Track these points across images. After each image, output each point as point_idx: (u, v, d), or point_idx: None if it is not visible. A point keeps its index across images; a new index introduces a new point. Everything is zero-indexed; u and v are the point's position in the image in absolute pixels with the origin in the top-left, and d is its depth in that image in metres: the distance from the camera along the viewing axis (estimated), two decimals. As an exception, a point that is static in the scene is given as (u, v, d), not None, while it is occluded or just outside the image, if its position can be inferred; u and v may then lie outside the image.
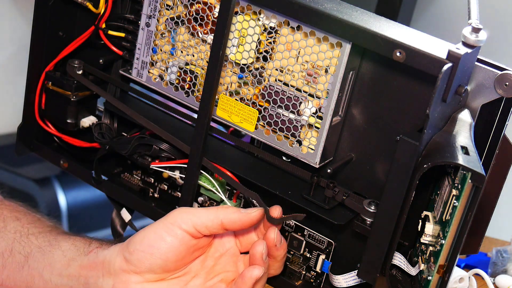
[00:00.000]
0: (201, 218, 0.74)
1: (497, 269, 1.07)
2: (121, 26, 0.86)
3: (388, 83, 0.73)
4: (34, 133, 0.94)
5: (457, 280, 0.96)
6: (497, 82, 0.69)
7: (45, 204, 1.72)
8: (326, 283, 0.81)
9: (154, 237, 0.74)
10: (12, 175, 1.74)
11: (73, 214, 1.76)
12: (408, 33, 0.68)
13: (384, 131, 0.74)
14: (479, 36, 0.66)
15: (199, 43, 0.79)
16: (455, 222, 0.66)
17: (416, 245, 0.75)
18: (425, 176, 0.65)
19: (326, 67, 0.72)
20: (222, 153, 0.83)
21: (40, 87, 0.90)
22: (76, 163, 0.92)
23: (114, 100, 0.86)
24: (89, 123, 0.91)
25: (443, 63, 0.64)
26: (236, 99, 0.78)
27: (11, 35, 1.93)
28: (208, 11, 0.77)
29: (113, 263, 0.75)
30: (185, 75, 0.81)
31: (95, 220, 1.81)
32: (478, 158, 0.65)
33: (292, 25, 0.72)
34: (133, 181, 0.92)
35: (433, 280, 0.69)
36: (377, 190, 0.75)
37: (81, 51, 0.90)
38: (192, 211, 0.76)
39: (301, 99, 0.74)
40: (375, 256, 0.70)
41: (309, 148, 0.75)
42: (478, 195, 0.64)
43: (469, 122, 0.70)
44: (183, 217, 0.75)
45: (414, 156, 0.65)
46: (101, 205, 1.75)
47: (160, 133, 0.83)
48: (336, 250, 0.80)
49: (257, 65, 0.76)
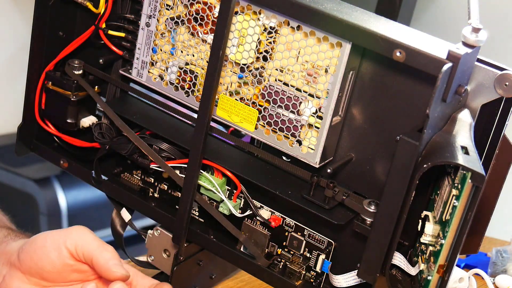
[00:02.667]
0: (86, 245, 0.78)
1: (497, 269, 1.07)
2: (121, 26, 0.86)
3: (388, 83, 0.73)
4: (34, 133, 0.94)
5: (457, 280, 0.96)
6: (497, 82, 0.69)
7: (45, 204, 1.72)
8: (326, 283, 0.81)
9: (41, 244, 0.79)
10: (12, 175, 1.74)
11: (73, 214, 1.76)
12: (408, 33, 0.68)
13: (384, 131, 0.74)
14: (479, 36, 0.66)
15: (199, 43, 0.79)
16: (455, 222, 0.66)
17: (416, 245, 0.75)
18: (425, 176, 0.65)
19: (326, 67, 0.72)
20: (222, 153, 0.83)
21: (40, 87, 0.90)
22: (76, 163, 0.92)
23: (106, 107, 0.86)
24: (89, 123, 0.91)
25: (443, 63, 0.64)
26: (236, 99, 0.78)
27: (11, 35, 1.93)
28: (208, 11, 0.77)
29: (12, 255, 0.80)
30: (185, 75, 0.81)
31: (95, 220, 1.81)
32: (478, 158, 0.65)
33: (292, 25, 0.72)
34: (133, 181, 0.92)
35: (433, 280, 0.69)
36: (377, 190, 0.75)
37: (81, 51, 0.90)
38: (87, 234, 0.79)
39: (301, 99, 0.74)
40: (375, 256, 0.70)
41: (309, 148, 0.75)
42: (478, 195, 0.64)
43: (469, 122, 0.70)
44: (73, 235, 0.78)
45: (414, 156, 0.65)
46: (101, 205, 1.75)
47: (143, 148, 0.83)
48: (336, 250, 0.80)
49: (257, 65, 0.76)
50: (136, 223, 0.93)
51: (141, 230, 0.90)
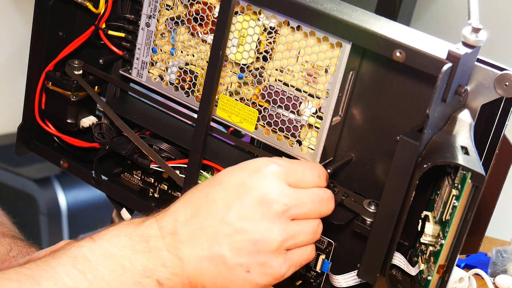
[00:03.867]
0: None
1: (497, 269, 1.07)
2: (121, 26, 0.86)
3: (388, 83, 0.73)
4: (34, 133, 0.94)
5: (457, 280, 0.96)
6: (497, 82, 0.69)
7: (45, 204, 1.72)
8: (326, 283, 0.81)
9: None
10: (12, 175, 1.74)
11: (73, 214, 1.76)
12: (408, 33, 0.68)
13: (384, 131, 0.74)
14: (479, 36, 0.66)
15: (199, 43, 0.79)
16: (455, 222, 0.66)
17: (416, 245, 0.75)
18: (425, 176, 0.65)
19: (326, 67, 0.72)
20: (222, 153, 0.83)
21: (40, 87, 0.90)
22: (76, 163, 0.92)
23: (106, 107, 0.86)
24: (89, 123, 0.91)
25: (443, 63, 0.64)
26: (236, 99, 0.78)
27: (11, 35, 1.93)
28: (208, 11, 0.77)
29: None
30: (185, 75, 0.81)
31: (95, 220, 1.81)
32: (478, 158, 0.65)
33: (292, 25, 0.72)
34: (133, 181, 0.92)
35: (433, 280, 0.69)
36: (377, 190, 0.75)
37: (81, 51, 0.90)
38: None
39: (301, 99, 0.74)
40: (375, 256, 0.70)
41: (309, 148, 0.75)
42: (478, 195, 0.64)
43: (469, 122, 0.70)
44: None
45: (414, 156, 0.65)
46: (101, 205, 1.75)
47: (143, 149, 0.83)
48: (336, 250, 0.80)
49: (257, 65, 0.76)
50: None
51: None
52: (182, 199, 0.70)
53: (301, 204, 0.68)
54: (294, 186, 0.69)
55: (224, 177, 0.69)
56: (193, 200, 0.68)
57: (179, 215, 0.68)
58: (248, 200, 0.67)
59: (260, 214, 0.66)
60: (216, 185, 0.68)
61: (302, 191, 0.69)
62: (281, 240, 0.67)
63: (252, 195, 0.67)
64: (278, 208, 0.67)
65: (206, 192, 0.68)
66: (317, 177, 0.71)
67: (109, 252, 0.65)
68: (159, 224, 0.68)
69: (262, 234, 0.66)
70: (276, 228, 0.67)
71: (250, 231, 0.66)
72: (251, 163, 0.69)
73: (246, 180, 0.67)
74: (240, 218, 0.66)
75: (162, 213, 0.69)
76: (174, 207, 0.69)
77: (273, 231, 0.67)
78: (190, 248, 0.67)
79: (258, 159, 0.70)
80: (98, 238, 0.66)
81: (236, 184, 0.67)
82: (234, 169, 0.69)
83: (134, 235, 0.67)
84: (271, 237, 0.67)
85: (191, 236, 0.67)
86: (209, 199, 0.67)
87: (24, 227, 0.98)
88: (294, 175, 0.69)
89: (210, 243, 0.67)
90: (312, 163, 0.72)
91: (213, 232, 0.67)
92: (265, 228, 0.67)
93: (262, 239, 0.66)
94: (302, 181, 0.69)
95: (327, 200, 0.70)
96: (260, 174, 0.68)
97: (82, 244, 0.66)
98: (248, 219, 0.66)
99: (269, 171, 0.68)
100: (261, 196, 0.67)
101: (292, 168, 0.69)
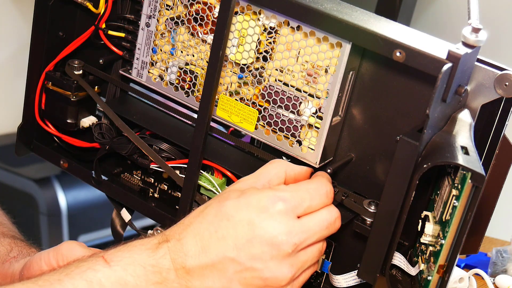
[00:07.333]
0: (75, 258, 0.76)
1: (497, 269, 1.07)
2: (121, 26, 0.86)
3: (388, 83, 0.73)
4: (34, 133, 0.94)
5: (457, 280, 0.96)
6: (497, 82, 0.69)
7: (45, 204, 1.72)
8: (326, 283, 0.81)
9: (37, 267, 0.79)
10: (12, 175, 1.74)
11: (73, 214, 1.76)
12: (408, 33, 0.68)
13: (384, 131, 0.74)
14: (479, 36, 0.66)
15: (199, 43, 0.79)
16: (455, 222, 0.66)
17: (416, 245, 0.75)
18: (425, 176, 0.65)
19: (326, 67, 0.72)
20: (222, 153, 0.83)
21: (40, 87, 0.90)
22: (76, 163, 0.92)
23: (106, 107, 0.86)
24: (89, 123, 0.91)
25: (443, 63, 0.64)
26: (236, 99, 0.78)
27: (11, 35, 1.93)
28: (208, 11, 0.77)
29: (16, 276, 0.80)
30: (185, 75, 0.81)
31: (95, 220, 1.81)
32: (478, 158, 0.65)
33: (292, 25, 0.72)
34: (133, 181, 0.92)
35: (433, 280, 0.69)
36: (377, 190, 0.75)
37: (81, 51, 0.90)
38: (75, 247, 0.79)
39: (301, 99, 0.74)
40: (375, 256, 0.70)
41: (309, 148, 0.75)
42: (478, 195, 0.64)
43: (469, 122, 0.70)
44: (62, 251, 0.79)
45: (414, 156, 0.65)
46: (101, 205, 1.75)
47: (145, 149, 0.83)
48: (336, 250, 0.80)
49: (257, 65, 0.76)
50: (136, 223, 0.93)
51: (141, 230, 0.90)
52: (191, 228, 0.70)
53: (310, 236, 0.69)
54: (303, 215, 0.69)
55: (231, 212, 0.69)
56: (203, 234, 0.69)
57: (189, 249, 0.69)
58: (257, 241, 0.67)
59: (270, 255, 0.67)
60: (224, 220, 0.69)
61: (310, 219, 0.69)
62: (290, 276, 0.68)
63: (261, 237, 0.68)
64: (288, 249, 0.68)
65: (215, 227, 0.69)
66: (325, 197, 0.71)
67: (123, 280, 0.67)
68: (171, 255, 0.69)
69: (272, 272, 0.68)
70: (285, 266, 0.68)
71: (259, 270, 0.68)
72: (256, 198, 0.69)
73: (254, 219, 0.68)
74: (249, 258, 0.67)
75: (174, 243, 0.70)
76: (185, 240, 0.69)
77: (282, 270, 0.68)
78: (201, 281, 0.69)
79: (263, 193, 0.70)
80: (114, 263, 0.68)
81: (244, 223, 0.68)
82: (240, 202, 0.69)
83: (148, 264, 0.68)
84: (281, 275, 0.68)
85: (202, 270, 0.68)
86: (218, 235, 0.68)
87: (24, 227, 0.98)
88: (301, 206, 0.69)
89: (221, 278, 0.68)
90: (318, 183, 0.72)
91: (223, 269, 0.68)
92: (275, 267, 0.68)
93: (272, 277, 0.68)
94: (310, 207, 0.70)
95: (334, 222, 0.71)
96: (267, 214, 0.68)
97: (97, 268, 0.67)
98: (257, 259, 0.67)
99: (276, 211, 0.68)
100: (269, 239, 0.67)
101: (299, 199, 0.69)
